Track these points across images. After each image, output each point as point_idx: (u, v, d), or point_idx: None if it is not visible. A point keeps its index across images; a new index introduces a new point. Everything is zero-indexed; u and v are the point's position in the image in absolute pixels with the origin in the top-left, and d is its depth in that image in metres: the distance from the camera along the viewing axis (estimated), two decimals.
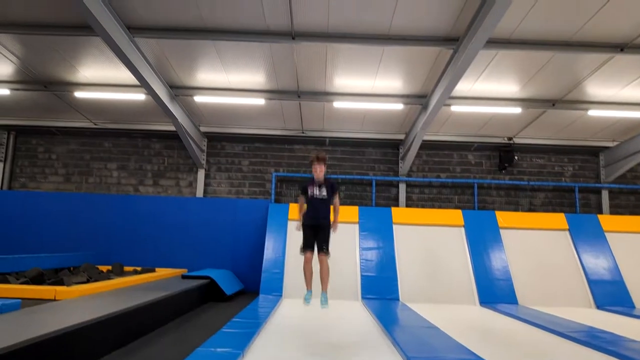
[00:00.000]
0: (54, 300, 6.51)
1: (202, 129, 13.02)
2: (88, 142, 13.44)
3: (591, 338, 6.19)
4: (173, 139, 12.96)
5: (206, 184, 13.25)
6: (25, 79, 10.60)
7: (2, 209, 12.40)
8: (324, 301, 5.54)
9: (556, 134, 12.72)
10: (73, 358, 4.49)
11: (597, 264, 10.66)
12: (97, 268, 10.15)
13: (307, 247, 5.70)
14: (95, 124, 13.01)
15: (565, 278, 10.47)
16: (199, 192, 13.11)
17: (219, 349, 4.83)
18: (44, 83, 10.73)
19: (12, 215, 12.25)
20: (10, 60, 9.70)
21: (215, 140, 13.41)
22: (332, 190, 5.94)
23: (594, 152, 13.49)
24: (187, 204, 12.64)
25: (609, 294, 10.06)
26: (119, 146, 13.43)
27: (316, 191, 5.74)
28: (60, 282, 7.43)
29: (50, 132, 13.32)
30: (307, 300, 5.57)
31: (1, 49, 9.20)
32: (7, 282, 7.50)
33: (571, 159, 13.54)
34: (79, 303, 6.06)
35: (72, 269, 10.09)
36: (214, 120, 12.69)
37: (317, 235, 5.72)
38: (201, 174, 13.21)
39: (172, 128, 11.93)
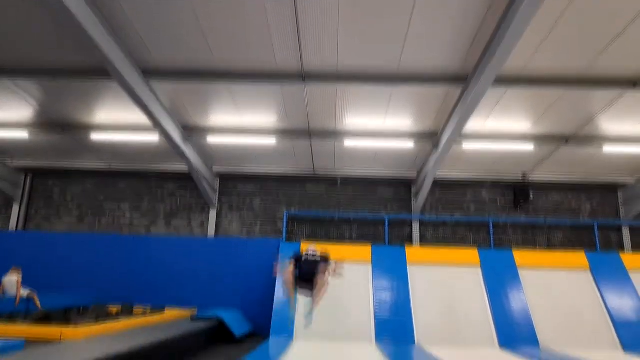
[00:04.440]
0: (60, 340, 6.39)
1: (215, 169, 13.15)
2: (102, 182, 13.64)
3: None
4: (186, 179, 13.09)
5: (218, 223, 13.23)
6: (44, 122, 10.92)
7: (17, 249, 12.48)
8: (309, 317, 5.93)
9: (572, 170, 12.54)
10: None
11: (622, 303, 10.18)
12: (106, 308, 10.01)
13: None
14: (109, 165, 13.24)
15: (589, 319, 10.00)
16: (211, 232, 13.08)
17: None
18: (61, 126, 11.03)
19: (26, 256, 12.27)
20: (30, 104, 10.03)
21: (227, 179, 13.50)
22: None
23: (612, 188, 13.21)
24: (198, 244, 12.59)
25: (636, 335, 9.55)
26: (133, 187, 13.59)
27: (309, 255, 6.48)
28: (67, 323, 7.32)
29: (66, 173, 13.57)
30: (292, 309, 6.13)
31: (22, 93, 9.54)
32: (13, 322, 7.41)
33: (589, 196, 13.26)
34: (84, 344, 5.94)
35: (81, 309, 9.97)
36: (226, 160, 12.82)
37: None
38: (213, 213, 13.22)
39: (185, 168, 12.08)
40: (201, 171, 12.10)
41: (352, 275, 10.83)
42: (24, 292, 9.35)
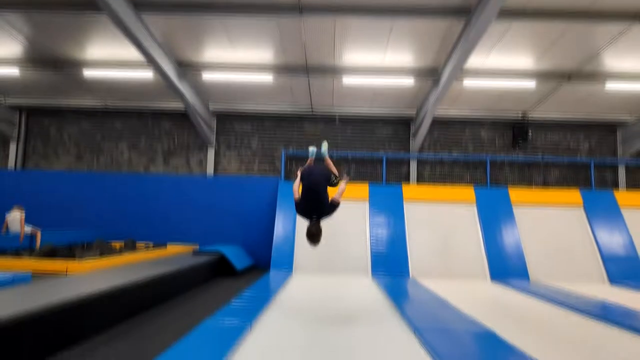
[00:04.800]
0: (66, 274, 6.61)
1: (211, 107, 12.97)
2: (99, 122, 13.50)
3: (603, 312, 6.11)
4: (183, 118, 12.97)
5: (216, 162, 13.27)
6: (34, 58, 10.62)
7: (17, 188, 12.60)
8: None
9: (572, 108, 12.41)
10: (83, 327, 4.56)
11: (612, 239, 10.48)
12: (110, 244, 10.29)
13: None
14: (105, 104, 13.05)
15: (579, 254, 10.34)
16: (210, 170, 13.14)
17: (227, 321, 4.85)
18: (52, 62, 10.73)
19: (27, 194, 12.42)
20: (18, 40, 9.70)
21: (224, 118, 13.36)
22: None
23: (611, 127, 13.16)
24: (198, 182, 12.72)
25: (623, 269, 9.91)
26: (130, 125, 13.47)
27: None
28: (72, 257, 7.54)
29: (62, 112, 13.41)
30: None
31: (9, 28, 9.20)
32: (20, 256, 7.63)
33: (587, 134, 13.23)
34: (90, 277, 6.15)
35: (85, 245, 10.24)
36: (223, 98, 12.63)
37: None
38: (211, 152, 13.22)
39: (182, 106, 11.91)
40: (198, 109, 11.94)
41: (350, 212, 11.07)
42: (28, 229, 9.54)
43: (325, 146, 5.90)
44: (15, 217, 9.53)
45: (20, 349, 3.66)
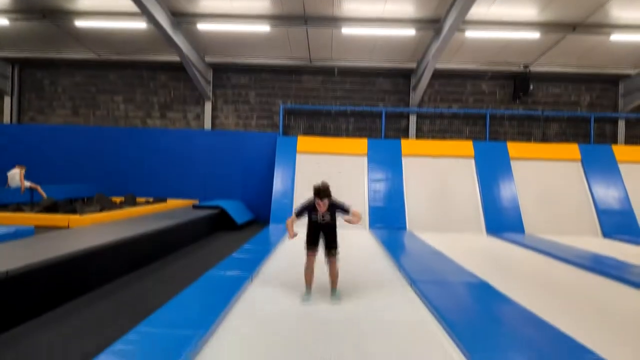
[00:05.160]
0: (68, 228, 6.69)
1: (207, 59, 12.68)
2: (93, 74, 13.24)
3: (594, 264, 6.26)
4: (178, 70, 12.69)
5: (214, 117, 13.14)
6: (22, 7, 10.25)
7: (15, 142, 12.51)
8: (336, 296, 4.36)
9: (575, 61, 12.17)
10: (88, 280, 4.67)
11: (607, 194, 10.59)
12: (110, 199, 10.36)
13: (311, 244, 4.43)
14: (99, 55, 12.74)
15: (574, 208, 10.47)
16: (207, 125, 13.04)
17: (229, 272, 4.96)
18: (41, 11, 10.38)
19: (24, 148, 12.36)
20: None
21: (221, 71, 13.11)
22: (339, 209, 4.42)
23: (613, 80, 12.97)
24: (196, 137, 12.63)
25: (617, 223, 10.07)
26: (125, 78, 13.22)
27: (319, 217, 4.40)
28: (73, 211, 7.61)
29: (55, 65, 13.11)
30: (305, 299, 4.28)
31: None
32: (21, 211, 7.70)
33: (589, 87, 13.05)
34: (92, 230, 6.23)
35: (85, 199, 10.31)
36: (219, 50, 12.32)
37: (323, 232, 4.45)
38: (208, 107, 13.06)
39: (177, 59, 11.64)
40: (193, 61, 11.68)
41: (348, 167, 11.10)
42: (27, 183, 9.58)
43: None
44: (15, 172, 9.57)
45: (27, 302, 3.76)
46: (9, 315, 3.52)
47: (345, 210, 4.39)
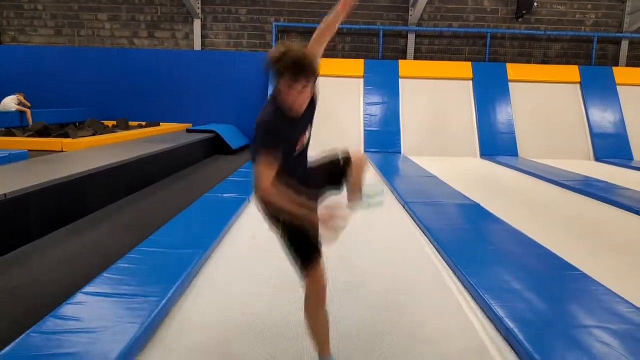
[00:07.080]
0: (61, 151, 6.66)
1: None
2: None
3: (585, 186, 6.39)
4: None
5: (203, 36, 12.58)
6: None
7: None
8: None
9: None
10: (85, 203, 4.73)
11: (603, 117, 10.56)
12: (102, 123, 10.22)
13: (314, 251, 2.05)
14: None
15: (569, 131, 10.49)
16: (197, 45, 12.53)
17: (225, 195, 5.04)
18: None
19: (9, 71, 11.92)
20: None
21: None
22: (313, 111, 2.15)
23: None
24: (186, 58, 12.16)
25: (610, 146, 10.16)
26: None
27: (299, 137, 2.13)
28: (66, 135, 7.53)
29: None
30: None
31: None
32: (13, 135, 7.61)
33: (595, 4, 12.50)
34: (86, 153, 6.21)
35: (77, 123, 10.18)
36: None
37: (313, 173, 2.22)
38: (197, 25, 12.46)
39: None
40: None
41: (344, 89, 10.88)
42: (13, 104, 9.46)
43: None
44: (10, 100, 9.46)
45: (28, 223, 3.83)
46: (11, 237, 3.60)
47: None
